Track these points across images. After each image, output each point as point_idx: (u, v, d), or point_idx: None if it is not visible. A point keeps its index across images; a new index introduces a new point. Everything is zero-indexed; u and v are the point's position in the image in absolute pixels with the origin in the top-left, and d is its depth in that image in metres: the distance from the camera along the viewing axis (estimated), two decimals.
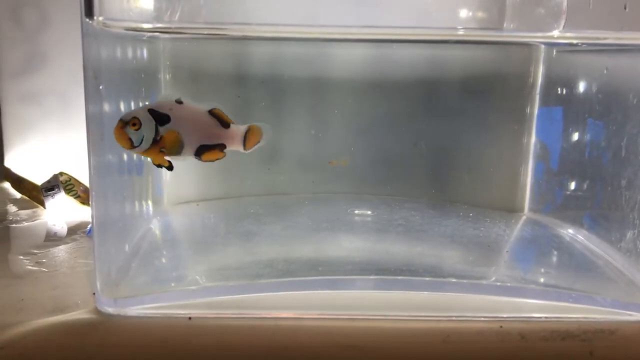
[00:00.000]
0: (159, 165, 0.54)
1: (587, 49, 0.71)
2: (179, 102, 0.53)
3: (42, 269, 0.65)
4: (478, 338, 0.52)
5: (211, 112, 0.55)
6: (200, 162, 0.57)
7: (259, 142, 0.58)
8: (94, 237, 0.54)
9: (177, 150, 0.53)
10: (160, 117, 0.51)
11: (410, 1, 0.78)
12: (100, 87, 0.53)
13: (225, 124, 0.56)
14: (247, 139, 0.58)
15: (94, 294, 0.56)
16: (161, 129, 0.52)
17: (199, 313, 0.54)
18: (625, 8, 0.61)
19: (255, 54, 0.80)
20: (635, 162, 0.61)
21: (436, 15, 0.78)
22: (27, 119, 0.96)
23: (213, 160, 0.56)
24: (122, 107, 0.61)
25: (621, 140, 0.63)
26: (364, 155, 0.83)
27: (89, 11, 0.50)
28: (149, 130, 0.52)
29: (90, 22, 0.51)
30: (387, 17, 0.77)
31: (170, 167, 0.55)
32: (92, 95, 0.52)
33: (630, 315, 0.56)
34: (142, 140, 0.51)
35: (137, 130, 0.51)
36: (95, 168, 0.53)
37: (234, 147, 0.57)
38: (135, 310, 0.54)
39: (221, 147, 0.56)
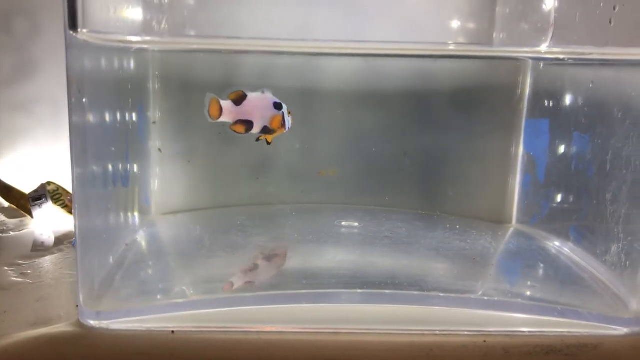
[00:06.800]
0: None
1: (573, 62, 0.71)
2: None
3: (26, 280, 0.65)
4: (461, 352, 0.52)
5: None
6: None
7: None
8: (77, 249, 0.54)
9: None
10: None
11: (400, 14, 0.78)
12: (84, 100, 0.52)
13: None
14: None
15: (77, 306, 0.56)
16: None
17: (182, 327, 0.53)
18: (610, 22, 0.61)
19: (246, 64, 0.80)
20: (620, 176, 0.61)
21: (427, 27, 0.79)
22: (18, 127, 0.96)
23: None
24: (108, 117, 0.61)
25: (606, 154, 0.63)
26: (353, 166, 0.83)
27: (72, 23, 0.50)
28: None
29: (75, 34, 0.51)
30: (377, 30, 0.78)
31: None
32: (75, 107, 0.52)
33: (614, 329, 0.56)
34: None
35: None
36: (79, 179, 0.53)
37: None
38: (118, 323, 0.54)
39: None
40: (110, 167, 0.62)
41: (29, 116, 0.96)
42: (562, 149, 0.73)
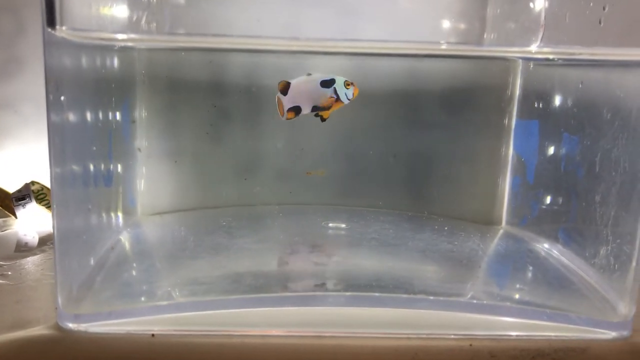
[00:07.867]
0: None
1: (563, 63, 0.71)
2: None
3: (6, 281, 0.63)
4: (447, 356, 0.52)
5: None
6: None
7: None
8: (55, 250, 0.53)
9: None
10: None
11: (392, 13, 0.77)
12: (62, 98, 0.51)
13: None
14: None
15: (56, 308, 0.55)
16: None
17: (163, 330, 0.53)
18: (600, 23, 0.60)
19: (234, 62, 0.79)
20: (609, 178, 0.61)
21: (418, 27, 0.78)
22: (3, 126, 0.95)
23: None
24: (89, 116, 0.60)
25: (595, 156, 0.63)
26: (342, 166, 0.82)
27: (50, 20, 0.49)
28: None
29: (53, 31, 0.50)
30: (368, 29, 0.77)
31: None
32: (53, 105, 0.51)
33: (602, 333, 0.55)
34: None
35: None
36: (57, 179, 0.52)
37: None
38: (97, 326, 0.53)
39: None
40: (91, 166, 0.61)
41: (14, 115, 0.94)
42: (551, 150, 0.72)
